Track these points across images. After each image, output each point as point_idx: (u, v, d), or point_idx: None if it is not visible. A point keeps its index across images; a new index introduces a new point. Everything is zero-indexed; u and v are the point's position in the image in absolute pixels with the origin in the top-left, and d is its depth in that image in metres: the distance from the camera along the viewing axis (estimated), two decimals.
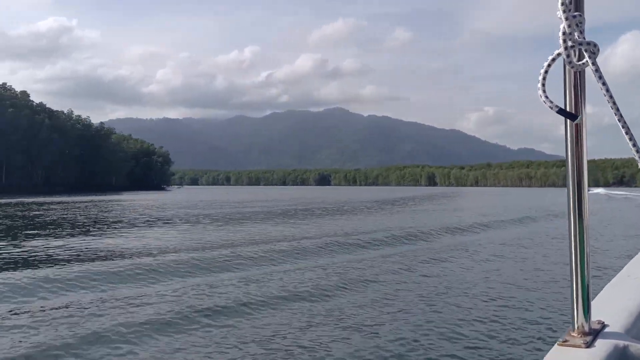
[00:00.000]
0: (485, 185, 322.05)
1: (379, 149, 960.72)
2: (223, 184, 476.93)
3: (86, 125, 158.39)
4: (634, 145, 1.18)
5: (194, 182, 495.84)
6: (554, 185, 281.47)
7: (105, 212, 43.12)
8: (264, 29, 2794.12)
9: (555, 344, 1.32)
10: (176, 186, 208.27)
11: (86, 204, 58.16)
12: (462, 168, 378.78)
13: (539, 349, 7.47)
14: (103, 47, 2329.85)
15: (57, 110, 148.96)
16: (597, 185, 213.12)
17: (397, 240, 20.55)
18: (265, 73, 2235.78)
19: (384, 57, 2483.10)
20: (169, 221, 32.12)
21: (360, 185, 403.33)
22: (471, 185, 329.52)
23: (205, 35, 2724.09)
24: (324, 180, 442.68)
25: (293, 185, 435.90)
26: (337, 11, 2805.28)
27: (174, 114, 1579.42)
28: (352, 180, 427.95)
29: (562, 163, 1.27)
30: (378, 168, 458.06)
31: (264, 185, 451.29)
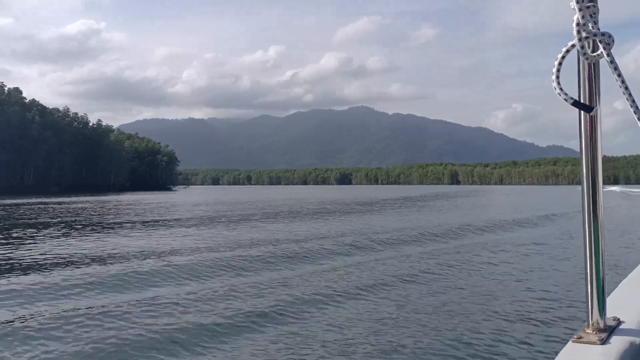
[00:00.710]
0: (510, 184, 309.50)
1: (404, 148, 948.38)
2: (244, 184, 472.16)
3: (83, 123, 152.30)
4: None
5: (215, 181, 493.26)
6: (580, 183, 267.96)
7: (87, 214, 40.58)
8: (288, 29, 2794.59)
9: (570, 341, 1.31)
10: (182, 186, 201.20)
11: (69, 205, 54.94)
12: (487, 166, 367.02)
13: (554, 346, 7.36)
14: (130, 49, 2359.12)
15: (51, 108, 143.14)
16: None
17: (410, 240, 20.24)
18: (290, 72, 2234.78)
19: (409, 55, 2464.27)
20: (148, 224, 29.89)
21: (382, 184, 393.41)
22: (495, 184, 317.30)
23: (230, 35, 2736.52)
24: (345, 179, 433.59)
25: (314, 184, 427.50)
26: (362, 9, 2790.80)
27: (199, 114, 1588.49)
28: (373, 179, 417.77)
29: None
30: (400, 166, 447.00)
31: (285, 184, 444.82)
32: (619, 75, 1.17)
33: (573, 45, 1.23)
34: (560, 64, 1.24)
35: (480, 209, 45.16)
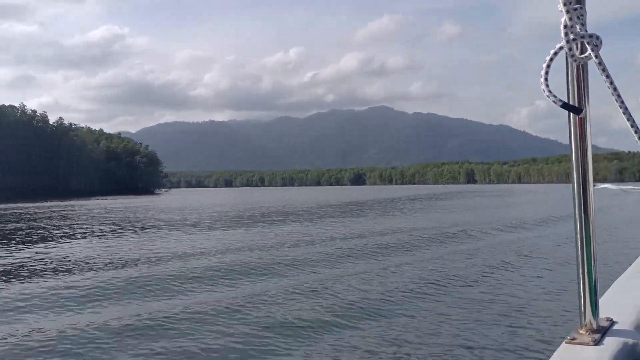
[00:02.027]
0: (528, 182, 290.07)
1: (425, 147, 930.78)
2: (257, 186, 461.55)
3: (44, 121, 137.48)
4: None
5: (228, 183, 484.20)
6: (604, 180, 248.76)
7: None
8: (308, 30, 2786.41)
9: (563, 342, 1.29)
10: (164, 189, 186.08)
11: None
12: (505, 163, 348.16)
13: (547, 347, 7.33)
14: (153, 53, 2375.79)
15: (7, 105, 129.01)
16: None
17: (401, 243, 19.50)
18: (311, 73, 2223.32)
19: (431, 53, 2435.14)
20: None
21: (397, 184, 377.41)
22: (513, 182, 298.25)
23: (250, 37, 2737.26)
24: (359, 179, 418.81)
25: (327, 185, 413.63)
26: (383, 8, 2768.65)
27: (221, 116, 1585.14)
28: (387, 179, 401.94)
29: (616, 156, 1.28)
30: (415, 165, 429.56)
31: (298, 185, 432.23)
32: (608, 76, 1.16)
33: (561, 48, 1.22)
34: (548, 66, 1.22)
35: (473, 211, 42.08)
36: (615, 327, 1.34)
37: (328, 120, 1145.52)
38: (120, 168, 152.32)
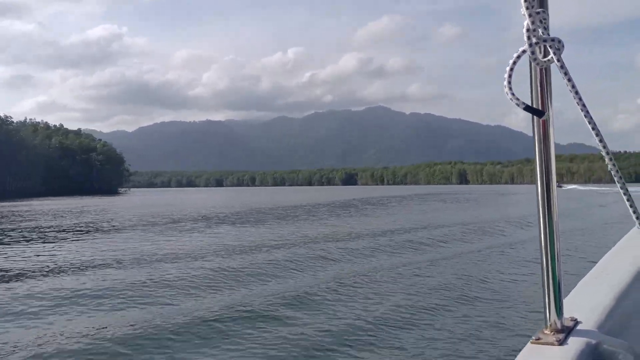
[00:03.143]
0: (521, 183, 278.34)
1: (423, 147, 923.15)
2: (248, 185, 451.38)
3: None
4: (601, 140, 1.18)
5: (219, 183, 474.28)
6: (599, 181, 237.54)
7: None
8: (308, 30, 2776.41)
9: (529, 342, 1.29)
10: (124, 189, 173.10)
11: None
12: (499, 164, 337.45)
13: (513, 347, 7.33)
14: (151, 53, 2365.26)
15: None
16: None
17: (362, 244, 19.14)
18: (309, 74, 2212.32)
19: (430, 55, 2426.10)
20: None
21: (388, 184, 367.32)
22: (506, 183, 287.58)
23: (249, 38, 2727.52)
24: (350, 179, 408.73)
25: (319, 185, 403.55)
26: (383, 9, 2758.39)
27: (219, 116, 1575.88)
28: (379, 179, 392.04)
29: (613, 156, 1.20)
30: (407, 166, 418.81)
31: (289, 185, 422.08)
32: (569, 79, 1.19)
33: (524, 51, 1.22)
34: (512, 69, 1.23)
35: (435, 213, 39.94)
36: (580, 327, 1.36)
37: (326, 120, 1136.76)
38: (73, 166, 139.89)
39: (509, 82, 1.22)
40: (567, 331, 1.31)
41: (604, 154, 1.16)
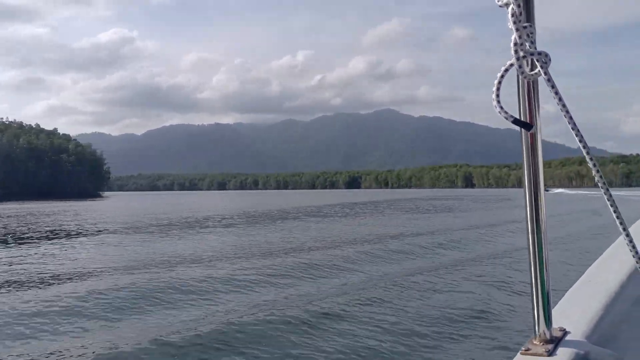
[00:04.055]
0: (549, 186, 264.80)
1: (431, 150, 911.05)
2: (251, 188, 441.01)
3: None
4: (588, 153, 1.17)
5: (222, 186, 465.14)
6: (611, 185, 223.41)
7: None
8: (316, 33, 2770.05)
9: (518, 353, 1.28)
10: (105, 193, 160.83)
11: None
12: (506, 167, 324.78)
13: (503, 358, 7.23)
14: (161, 56, 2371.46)
15: None
16: None
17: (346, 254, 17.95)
18: (318, 77, 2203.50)
19: (439, 57, 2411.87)
20: None
21: (392, 187, 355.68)
22: (513, 186, 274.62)
23: (258, 41, 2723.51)
24: (354, 182, 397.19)
25: (322, 188, 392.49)
26: (392, 12, 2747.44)
27: (227, 119, 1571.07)
28: (383, 182, 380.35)
29: (623, 159, 1.41)
30: (412, 169, 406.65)
31: (292, 188, 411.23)
32: (556, 92, 1.19)
33: (512, 65, 1.23)
34: (499, 82, 1.23)
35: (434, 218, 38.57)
36: (568, 337, 1.34)
37: (333, 123, 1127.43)
38: (42, 169, 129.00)
39: (497, 96, 1.22)
40: (556, 341, 1.30)
41: (590, 165, 1.16)
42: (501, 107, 1.20)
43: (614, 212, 1.19)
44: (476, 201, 72.68)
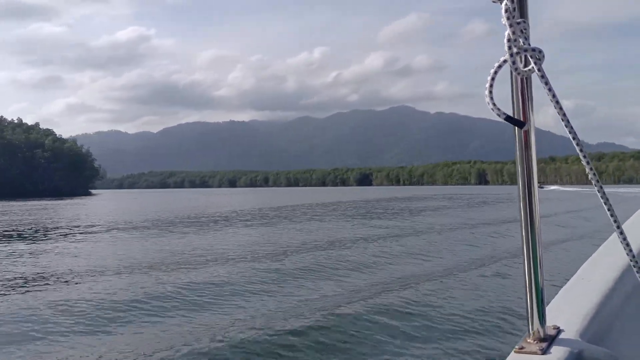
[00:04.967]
0: (544, 183, 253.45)
1: (447, 147, 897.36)
2: (261, 186, 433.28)
3: None
4: (581, 150, 1.17)
5: (232, 183, 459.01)
6: (630, 181, 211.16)
7: None
8: (333, 30, 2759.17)
9: (512, 351, 1.27)
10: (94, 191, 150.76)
11: None
12: None
13: (496, 356, 7.20)
14: (178, 53, 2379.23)
15: None
16: None
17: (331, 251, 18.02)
18: (334, 73, 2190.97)
19: (457, 53, 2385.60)
20: None
21: (404, 184, 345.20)
22: None
23: (275, 37, 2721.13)
24: (365, 179, 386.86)
25: (333, 185, 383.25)
26: (409, 7, 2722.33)
27: (243, 116, 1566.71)
28: (394, 179, 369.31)
29: (593, 164, 1.18)
30: (424, 165, 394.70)
31: (303, 186, 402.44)
32: (550, 89, 1.17)
33: (505, 61, 1.21)
34: (493, 79, 1.21)
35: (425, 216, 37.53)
36: (562, 335, 1.34)
37: (348, 120, 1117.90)
38: (14, 165, 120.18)
39: (490, 92, 1.20)
40: (550, 340, 1.30)
41: (584, 163, 1.15)
42: (494, 104, 1.19)
43: (608, 209, 1.19)
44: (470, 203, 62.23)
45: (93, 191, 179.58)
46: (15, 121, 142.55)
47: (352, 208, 49.20)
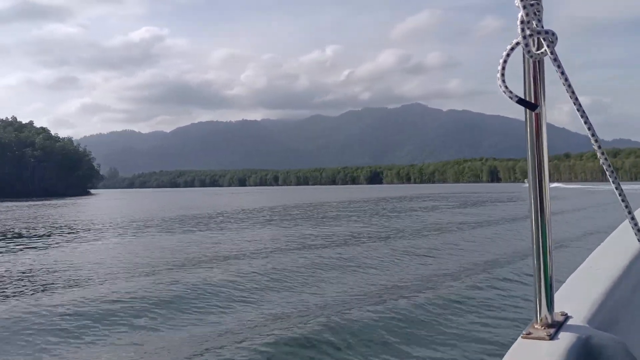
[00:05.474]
0: (558, 180, 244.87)
1: (460, 144, 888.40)
2: (271, 185, 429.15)
3: None
4: (593, 135, 1.15)
5: (242, 182, 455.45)
6: None
7: None
8: (345, 27, 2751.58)
9: (519, 337, 1.27)
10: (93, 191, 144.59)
11: None
12: None
13: (504, 342, 7.15)
14: (191, 53, 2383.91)
15: None
16: None
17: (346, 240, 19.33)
18: (347, 71, 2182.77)
19: (471, 49, 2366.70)
20: None
21: (415, 182, 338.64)
22: None
23: (287, 36, 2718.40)
24: (375, 178, 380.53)
25: (342, 184, 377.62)
26: (422, 3, 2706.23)
27: (256, 115, 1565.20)
28: (405, 177, 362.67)
29: (604, 150, 1.15)
30: (435, 163, 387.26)
31: (312, 184, 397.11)
32: (562, 72, 1.15)
33: (518, 43, 1.19)
34: (505, 61, 1.20)
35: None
36: (570, 321, 1.34)
37: (361, 118, 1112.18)
38: (2, 165, 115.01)
39: (502, 75, 1.18)
40: (557, 326, 1.30)
41: (595, 147, 1.14)
42: (506, 87, 1.17)
43: (619, 194, 1.17)
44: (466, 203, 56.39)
45: (93, 191, 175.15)
46: (10, 119, 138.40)
47: (358, 209, 45.71)
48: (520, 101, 1.20)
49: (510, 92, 1.17)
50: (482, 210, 38.04)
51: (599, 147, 1.13)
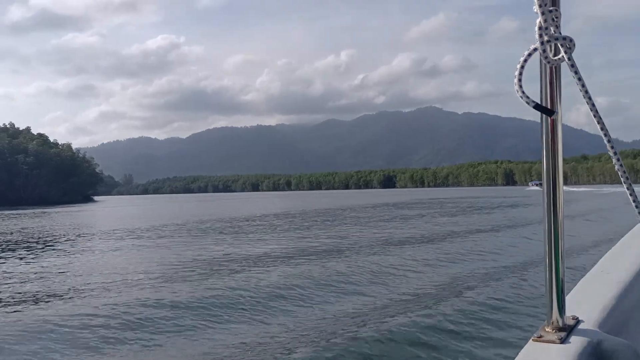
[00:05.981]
0: (576, 183, 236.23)
1: (477, 147, 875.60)
2: (284, 189, 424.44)
3: None
4: (609, 141, 1.16)
5: (255, 187, 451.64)
6: None
7: None
8: (359, 31, 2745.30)
9: (530, 340, 1.27)
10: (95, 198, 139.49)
11: None
12: None
13: (514, 345, 7.18)
14: (206, 59, 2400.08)
15: None
16: None
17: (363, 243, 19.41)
18: (361, 75, 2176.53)
19: (486, 51, 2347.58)
20: None
21: (429, 186, 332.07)
22: None
23: (301, 41, 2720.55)
24: (389, 182, 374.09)
25: (356, 188, 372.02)
26: (436, 6, 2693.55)
27: (271, 121, 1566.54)
28: (419, 181, 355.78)
29: (620, 155, 1.14)
30: (448, 166, 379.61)
31: (325, 189, 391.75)
32: (580, 79, 1.16)
33: (535, 49, 1.19)
34: (522, 67, 1.19)
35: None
36: (581, 325, 1.33)
37: (375, 122, 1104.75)
38: None
39: (520, 80, 1.18)
40: (568, 329, 1.29)
41: (611, 153, 1.16)
42: (523, 92, 1.17)
43: (634, 201, 1.17)
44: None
45: (96, 198, 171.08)
46: (7, 126, 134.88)
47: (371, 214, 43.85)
48: (537, 107, 1.21)
49: (527, 97, 1.17)
50: (493, 215, 37.48)
51: (615, 153, 1.14)
